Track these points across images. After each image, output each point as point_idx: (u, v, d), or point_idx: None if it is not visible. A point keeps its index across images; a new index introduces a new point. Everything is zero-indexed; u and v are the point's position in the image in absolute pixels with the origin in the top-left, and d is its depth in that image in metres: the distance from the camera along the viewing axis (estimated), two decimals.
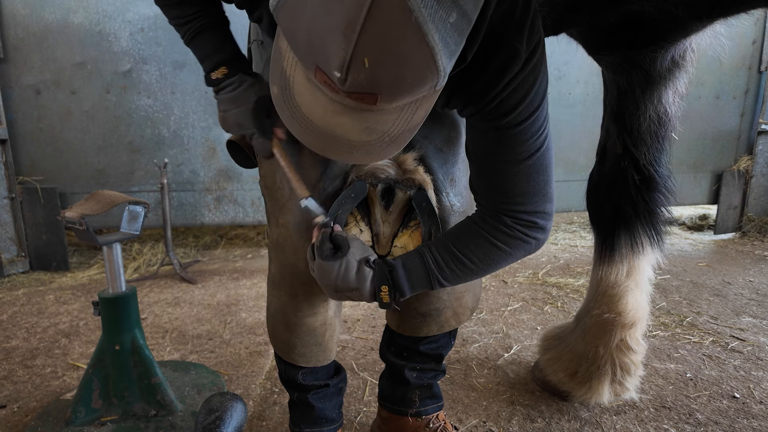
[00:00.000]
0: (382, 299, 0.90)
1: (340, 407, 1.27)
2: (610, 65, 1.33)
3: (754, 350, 1.88)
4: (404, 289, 0.91)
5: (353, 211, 1.00)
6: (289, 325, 1.09)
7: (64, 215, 1.34)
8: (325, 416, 1.21)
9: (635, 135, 1.35)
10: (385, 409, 1.31)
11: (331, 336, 1.15)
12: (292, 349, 1.12)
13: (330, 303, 1.11)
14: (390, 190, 1.00)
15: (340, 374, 1.26)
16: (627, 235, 1.41)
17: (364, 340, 2.02)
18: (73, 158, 3.22)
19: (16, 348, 2.00)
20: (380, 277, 0.90)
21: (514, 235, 0.89)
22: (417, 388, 1.26)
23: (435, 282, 0.91)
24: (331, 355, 1.18)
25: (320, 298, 1.06)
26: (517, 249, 0.91)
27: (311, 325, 1.09)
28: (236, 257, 3.42)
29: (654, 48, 1.22)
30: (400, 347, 1.23)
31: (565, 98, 3.65)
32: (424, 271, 0.91)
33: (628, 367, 1.44)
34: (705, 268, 2.98)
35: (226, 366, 1.81)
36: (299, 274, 1.02)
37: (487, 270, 0.93)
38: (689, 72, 1.33)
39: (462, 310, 1.16)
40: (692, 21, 1.12)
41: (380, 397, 1.32)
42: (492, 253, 0.91)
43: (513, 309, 2.34)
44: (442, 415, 1.30)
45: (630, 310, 1.42)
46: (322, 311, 1.10)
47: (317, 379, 1.19)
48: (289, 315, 1.08)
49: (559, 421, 1.44)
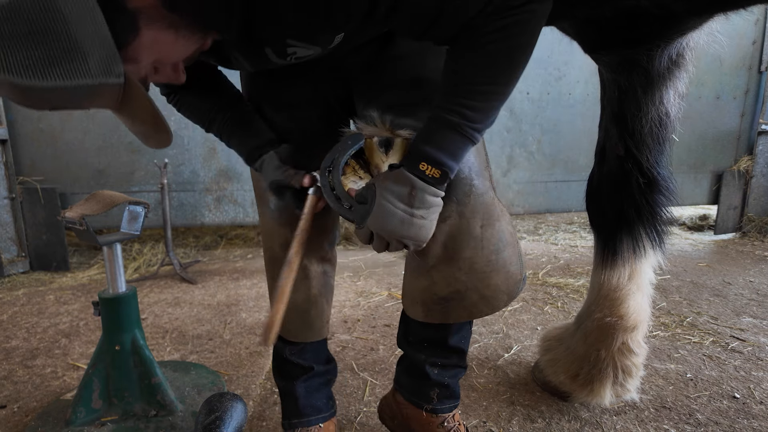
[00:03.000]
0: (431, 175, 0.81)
1: (328, 398, 1.26)
2: (609, 64, 1.32)
3: (754, 350, 1.87)
4: (441, 158, 0.81)
5: (350, 162, 0.94)
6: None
7: (64, 215, 1.34)
8: (311, 405, 1.21)
9: (637, 137, 1.33)
10: (400, 394, 1.24)
11: (318, 314, 1.19)
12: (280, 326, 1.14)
13: (312, 281, 1.17)
14: (388, 141, 0.94)
15: (329, 363, 1.27)
16: (629, 238, 1.39)
17: (364, 340, 2.02)
18: (73, 158, 3.22)
19: (17, 348, 2.00)
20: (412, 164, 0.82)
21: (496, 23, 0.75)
22: (437, 385, 1.18)
23: (467, 130, 0.80)
24: (320, 333, 1.21)
25: (299, 276, 1.08)
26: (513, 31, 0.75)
27: (294, 300, 1.11)
28: (236, 257, 3.42)
29: (651, 46, 1.20)
30: (420, 338, 1.15)
31: (565, 98, 3.65)
32: (447, 126, 0.80)
33: (629, 370, 1.44)
34: (705, 269, 2.98)
35: (226, 366, 1.81)
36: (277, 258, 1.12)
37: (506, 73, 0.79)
38: (689, 71, 1.31)
39: (491, 293, 1.02)
40: (690, 17, 1.11)
41: (396, 381, 1.26)
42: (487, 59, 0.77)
43: (513, 309, 2.34)
44: (458, 416, 1.23)
45: (632, 314, 1.41)
46: (303, 288, 1.16)
47: (303, 359, 1.21)
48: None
49: (559, 422, 1.44)
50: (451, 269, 1.00)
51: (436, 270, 1.01)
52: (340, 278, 2.85)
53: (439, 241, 0.97)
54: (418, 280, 1.06)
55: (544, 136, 3.69)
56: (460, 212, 0.97)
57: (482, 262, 1.00)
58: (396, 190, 0.83)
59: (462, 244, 0.98)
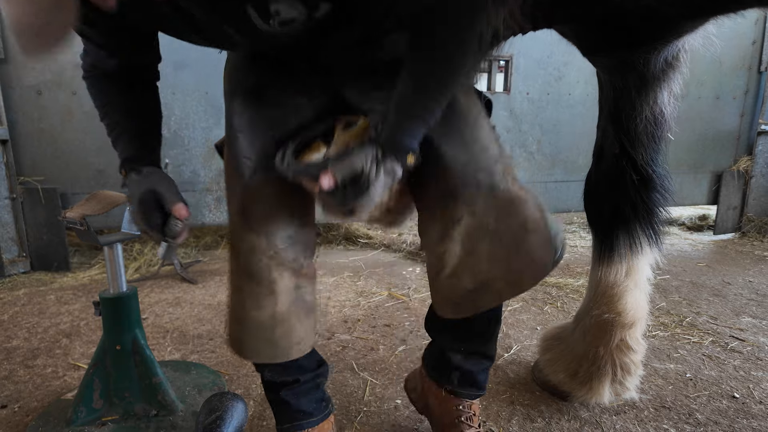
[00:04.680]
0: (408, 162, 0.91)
1: (319, 401, 1.23)
2: (605, 67, 1.34)
3: (753, 350, 1.88)
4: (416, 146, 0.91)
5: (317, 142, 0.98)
6: (237, 319, 1.07)
7: (65, 215, 1.34)
8: (301, 410, 1.19)
9: (632, 135, 1.35)
10: (425, 368, 1.29)
11: (284, 334, 1.06)
12: (242, 344, 1.09)
13: (279, 297, 1.04)
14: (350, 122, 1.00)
15: (318, 369, 1.21)
16: (626, 235, 1.41)
17: (364, 340, 2.03)
18: (73, 158, 3.22)
19: (17, 348, 2.00)
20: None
21: None
22: (458, 369, 1.20)
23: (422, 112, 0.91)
24: (287, 354, 1.09)
25: (264, 290, 1.02)
26: None
27: (257, 318, 1.04)
28: None
29: (647, 49, 1.22)
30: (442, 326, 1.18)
31: (565, 98, 3.66)
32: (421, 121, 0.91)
33: (628, 367, 1.44)
34: (705, 269, 2.98)
35: (226, 366, 1.82)
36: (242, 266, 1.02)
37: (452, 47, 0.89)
38: (683, 73, 1.33)
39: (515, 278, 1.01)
40: (684, 21, 1.13)
41: (423, 357, 1.31)
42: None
43: (513, 309, 2.34)
44: (476, 407, 1.23)
45: (629, 310, 1.43)
46: (267, 305, 1.03)
47: (287, 375, 1.16)
48: (238, 310, 1.06)
49: (559, 421, 1.45)
50: (473, 261, 1.01)
51: (460, 267, 1.02)
52: (340, 278, 2.86)
53: (457, 241, 1.00)
54: (444, 282, 1.06)
55: (544, 136, 3.69)
56: (471, 211, 0.98)
57: (502, 253, 0.99)
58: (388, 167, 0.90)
59: (478, 240, 1.00)
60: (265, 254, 1.01)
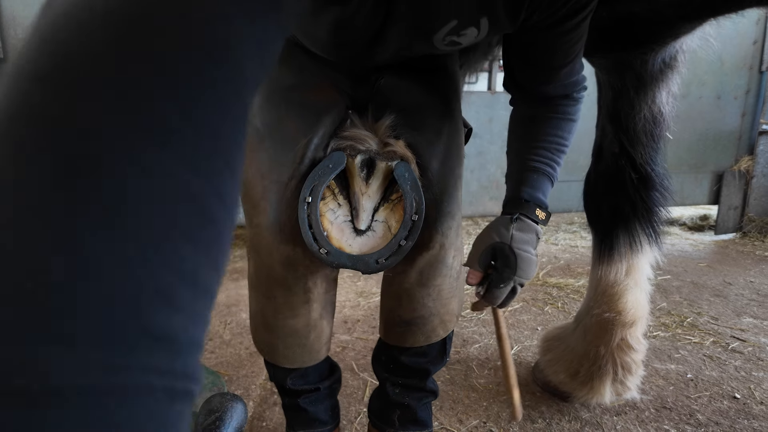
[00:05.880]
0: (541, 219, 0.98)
1: (332, 409, 1.23)
2: (603, 67, 1.34)
3: (754, 351, 1.87)
4: (545, 203, 0.99)
5: (330, 184, 0.94)
6: (269, 327, 1.05)
7: None
8: (318, 419, 1.18)
9: (631, 134, 1.36)
10: (369, 417, 1.23)
11: (317, 338, 1.07)
12: (274, 351, 1.07)
13: (313, 304, 1.03)
14: (371, 162, 0.94)
15: (333, 375, 1.20)
16: (625, 234, 1.41)
17: (364, 340, 2.02)
18: None
19: None
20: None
21: (579, 102, 1.03)
22: (397, 407, 1.14)
23: (555, 178, 1.02)
24: (318, 356, 1.11)
25: (300, 299, 1.01)
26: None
27: (293, 326, 1.03)
28: (236, 257, 3.42)
29: (645, 50, 1.22)
30: (387, 357, 1.14)
31: None
32: (546, 177, 1.00)
33: (629, 366, 1.44)
34: (705, 269, 2.98)
35: (226, 366, 1.81)
36: (276, 277, 0.98)
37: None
38: (682, 73, 1.34)
39: (449, 317, 1.08)
40: (682, 22, 1.13)
41: (368, 407, 1.25)
42: (573, 129, 1.02)
43: (513, 309, 2.34)
44: None
45: (630, 309, 1.42)
46: (303, 313, 1.03)
47: (307, 383, 1.14)
48: (269, 317, 1.04)
49: (559, 422, 1.44)
50: (421, 294, 1.03)
51: (407, 294, 1.03)
52: (340, 278, 2.85)
53: (417, 268, 1.01)
54: (387, 301, 1.09)
55: None
56: (442, 243, 1.00)
57: (447, 288, 1.05)
58: (527, 238, 0.94)
59: (436, 272, 1.02)
60: (302, 264, 0.98)
